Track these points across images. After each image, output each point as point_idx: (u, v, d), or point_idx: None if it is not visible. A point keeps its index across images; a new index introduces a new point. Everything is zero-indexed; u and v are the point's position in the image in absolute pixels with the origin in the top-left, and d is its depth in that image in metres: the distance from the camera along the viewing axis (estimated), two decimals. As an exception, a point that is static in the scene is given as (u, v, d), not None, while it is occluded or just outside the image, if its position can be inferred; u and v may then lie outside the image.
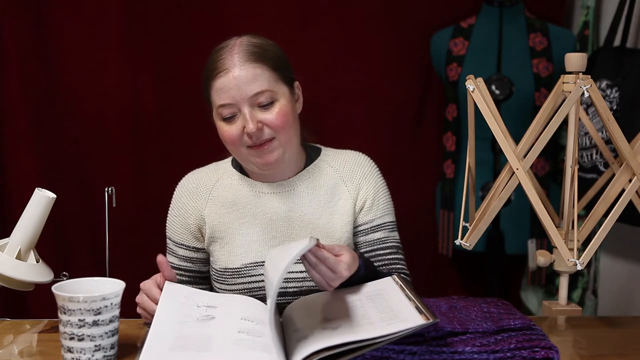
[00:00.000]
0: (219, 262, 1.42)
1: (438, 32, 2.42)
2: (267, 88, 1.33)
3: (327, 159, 1.48)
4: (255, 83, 1.32)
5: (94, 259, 2.45)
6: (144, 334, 1.25)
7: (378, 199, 1.46)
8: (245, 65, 1.32)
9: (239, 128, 1.33)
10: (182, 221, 1.45)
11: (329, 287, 1.17)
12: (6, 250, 1.36)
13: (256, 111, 1.33)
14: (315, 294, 1.28)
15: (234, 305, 1.22)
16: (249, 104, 1.32)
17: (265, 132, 1.33)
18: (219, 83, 1.33)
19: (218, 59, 1.35)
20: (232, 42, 1.36)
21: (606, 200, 1.44)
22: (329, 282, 1.16)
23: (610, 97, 2.04)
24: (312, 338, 1.03)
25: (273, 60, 1.35)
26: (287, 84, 1.38)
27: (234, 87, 1.32)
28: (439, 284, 2.67)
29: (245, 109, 1.32)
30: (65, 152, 2.46)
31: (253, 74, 1.32)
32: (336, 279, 1.16)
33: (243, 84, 1.31)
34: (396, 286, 1.21)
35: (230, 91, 1.32)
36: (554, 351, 1.08)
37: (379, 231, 1.45)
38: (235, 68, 1.32)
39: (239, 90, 1.31)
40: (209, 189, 1.45)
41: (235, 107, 1.33)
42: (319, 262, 1.14)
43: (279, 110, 1.34)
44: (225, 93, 1.32)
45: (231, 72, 1.32)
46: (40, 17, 2.39)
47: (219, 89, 1.33)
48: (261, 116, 1.33)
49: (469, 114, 1.48)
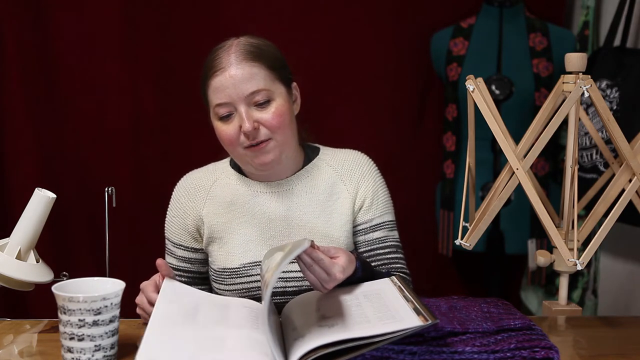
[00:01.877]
0: (217, 262, 1.42)
1: (438, 32, 2.42)
2: (264, 87, 1.33)
3: (326, 158, 1.48)
4: (252, 82, 1.32)
5: (94, 259, 2.45)
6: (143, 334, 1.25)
7: (377, 198, 1.46)
8: (241, 64, 1.32)
9: (236, 127, 1.33)
10: (181, 222, 1.45)
11: (323, 289, 1.17)
12: (6, 250, 1.36)
13: (253, 110, 1.33)
14: (313, 292, 1.27)
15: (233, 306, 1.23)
16: (246, 103, 1.33)
17: (262, 131, 1.34)
18: (216, 82, 1.33)
19: (215, 58, 1.35)
20: (230, 42, 1.37)
21: (606, 200, 1.44)
22: (323, 284, 1.16)
23: (610, 97, 2.04)
24: (309, 336, 1.03)
25: (270, 59, 1.36)
26: (284, 84, 1.38)
27: (230, 86, 1.32)
28: (439, 284, 2.67)
29: (242, 108, 1.32)
30: (65, 152, 2.46)
31: (249, 73, 1.32)
32: (330, 281, 1.16)
33: (239, 82, 1.32)
34: (394, 287, 1.21)
35: (226, 90, 1.32)
36: (554, 351, 1.08)
37: (378, 230, 1.45)
38: (232, 67, 1.32)
39: (235, 89, 1.32)
40: (207, 189, 1.45)
41: (231, 106, 1.33)
42: (314, 263, 1.14)
43: (276, 110, 1.34)
44: (221, 92, 1.32)
45: (227, 71, 1.32)
46: (40, 17, 2.38)
47: (215, 88, 1.33)
48: (258, 115, 1.33)
49: (469, 114, 1.48)
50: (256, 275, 1.39)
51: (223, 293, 1.42)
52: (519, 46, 2.31)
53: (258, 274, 1.39)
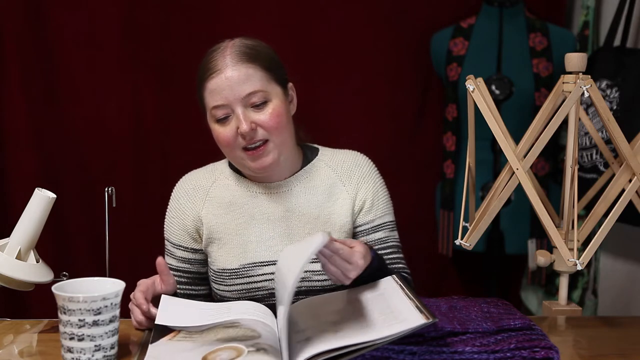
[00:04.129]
0: (217, 262, 1.42)
1: (438, 32, 2.42)
2: (260, 88, 1.33)
3: (325, 159, 1.48)
4: (248, 83, 1.32)
5: (94, 259, 2.45)
6: (143, 334, 1.25)
7: (378, 199, 1.46)
8: (237, 65, 1.33)
9: (233, 129, 1.33)
10: (180, 222, 1.45)
11: (346, 279, 1.17)
12: (6, 250, 1.36)
13: (249, 111, 1.34)
14: (318, 296, 1.29)
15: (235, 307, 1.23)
16: (242, 104, 1.33)
17: (259, 132, 1.34)
18: (212, 84, 1.33)
19: (210, 60, 1.35)
20: (225, 44, 1.37)
21: (606, 200, 1.44)
22: (345, 273, 1.16)
23: (610, 97, 2.04)
24: (315, 340, 1.03)
25: (265, 60, 1.36)
26: (280, 84, 1.38)
27: (226, 88, 1.32)
28: (439, 284, 2.67)
29: (239, 109, 1.32)
30: (65, 152, 2.46)
31: (245, 74, 1.32)
32: (352, 269, 1.16)
33: (235, 84, 1.32)
34: (396, 285, 1.21)
35: (223, 92, 1.32)
36: (554, 351, 1.08)
37: (379, 231, 1.45)
38: (228, 69, 1.32)
39: (232, 90, 1.32)
40: (206, 190, 1.45)
41: (228, 107, 1.33)
42: (333, 254, 1.14)
43: (272, 111, 1.34)
44: (218, 94, 1.33)
45: (223, 73, 1.32)
46: (40, 17, 2.38)
47: (212, 90, 1.33)
48: (254, 117, 1.33)
49: (469, 114, 1.48)
50: (256, 276, 1.40)
51: (223, 294, 1.42)
52: (519, 46, 2.31)
53: (258, 275, 1.39)
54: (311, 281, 1.38)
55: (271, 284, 1.39)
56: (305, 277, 1.38)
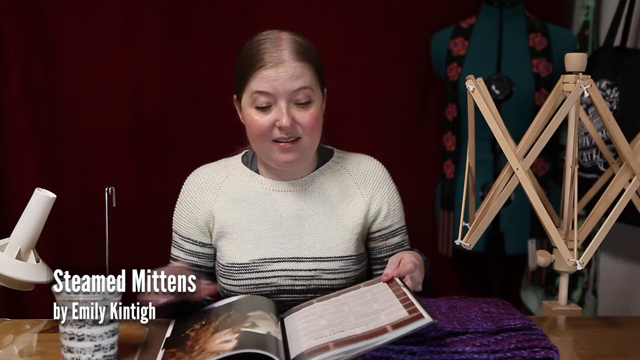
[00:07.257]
0: (226, 257, 1.42)
1: (438, 32, 2.42)
2: (309, 85, 1.35)
3: (340, 161, 1.49)
4: (301, 79, 1.34)
5: (94, 258, 2.45)
6: (143, 334, 1.25)
7: (394, 205, 1.49)
8: (295, 62, 1.34)
9: (271, 120, 1.34)
10: (190, 215, 1.46)
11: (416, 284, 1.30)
12: (6, 250, 1.36)
13: (292, 107, 1.35)
14: (319, 299, 1.29)
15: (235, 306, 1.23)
16: (287, 99, 1.34)
17: (296, 129, 1.35)
18: (266, 74, 1.33)
19: (264, 50, 1.35)
20: (276, 36, 1.37)
21: (606, 200, 1.44)
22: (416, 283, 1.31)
23: (610, 97, 2.04)
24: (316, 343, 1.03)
25: (316, 62, 1.39)
26: (321, 88, 1.41)
27: (278, 79, 1.33)
28: (439, 284, 2.67)
29: (282, 103, 1.33)
30: (65, 152, 2.46)
31: (300, 72, 1.34)
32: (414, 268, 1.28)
33: (289, 78, 1.33)
34: (399, 284, 1.21)
35: (274, 82, 1.33)
36: (554, 351, 1.08)
37: (397, 235, 1.49)
38: (286, 63, 1.33)
39: (283, 83, 1.33)
40: (218, 184, 1.46)
41: (272, 97, 1.34)
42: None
43: (313, 112, 1.36)
44: (268, 83, 1.33)
45: (281, 66, 1.33)
46: (40, 17, 2.38)
47: (263, 77, 1.33)
48: (296, 114, 1.35)
49: (469, 114, 1.48)
50: (265, 272, 1.40)
51: (231, 288, 1.42)
52: (519, 46, 2.31)
53: (267, 271, 1.40)
54: (321, 279, 1.39)
55: (280, 281, 1.39)
56: (314, 275, 1.39)
